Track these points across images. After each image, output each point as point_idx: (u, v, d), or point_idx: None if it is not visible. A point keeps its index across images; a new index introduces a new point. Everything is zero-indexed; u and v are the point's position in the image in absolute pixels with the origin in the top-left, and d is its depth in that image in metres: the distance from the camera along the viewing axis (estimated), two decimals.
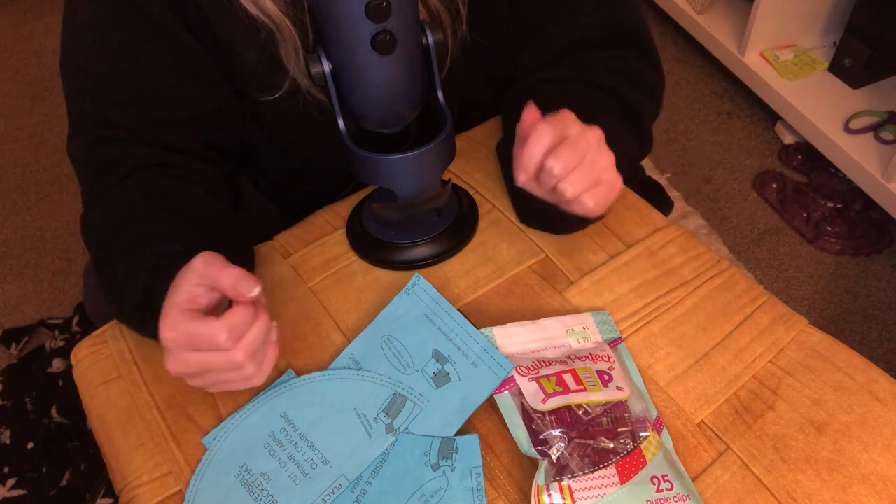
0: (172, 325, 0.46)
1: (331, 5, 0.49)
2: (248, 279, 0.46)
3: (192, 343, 0.46)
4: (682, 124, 1.70)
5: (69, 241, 1.60)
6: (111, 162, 0.60)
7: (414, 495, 0.49)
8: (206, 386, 0.50)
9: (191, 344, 0.46)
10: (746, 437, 0.51)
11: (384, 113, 0.57)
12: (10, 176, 1.76)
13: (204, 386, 0.50)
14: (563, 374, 0.51)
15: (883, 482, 0.48)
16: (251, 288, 0.46)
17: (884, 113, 1.46)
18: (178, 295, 0.47)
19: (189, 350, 0.47)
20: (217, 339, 0.45)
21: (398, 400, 0.54)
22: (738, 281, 0.61)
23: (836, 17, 1.63)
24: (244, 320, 0.46)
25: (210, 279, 0.47)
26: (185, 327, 0.46)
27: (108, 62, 0.59)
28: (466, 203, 0.67)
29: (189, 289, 0.47)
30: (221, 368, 0.48)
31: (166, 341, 0.46)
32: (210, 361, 0.47)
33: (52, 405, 1.27)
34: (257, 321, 0.48)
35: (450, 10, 0.62)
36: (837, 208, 1.47)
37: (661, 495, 0.46)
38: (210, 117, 0.64)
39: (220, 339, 0.45)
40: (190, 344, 0.46)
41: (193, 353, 0.47)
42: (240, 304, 0.46)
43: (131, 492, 0.53)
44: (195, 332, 0.45)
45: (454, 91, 0.61)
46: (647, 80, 0.68)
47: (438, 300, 0.58)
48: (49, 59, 2.09)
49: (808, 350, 0.55)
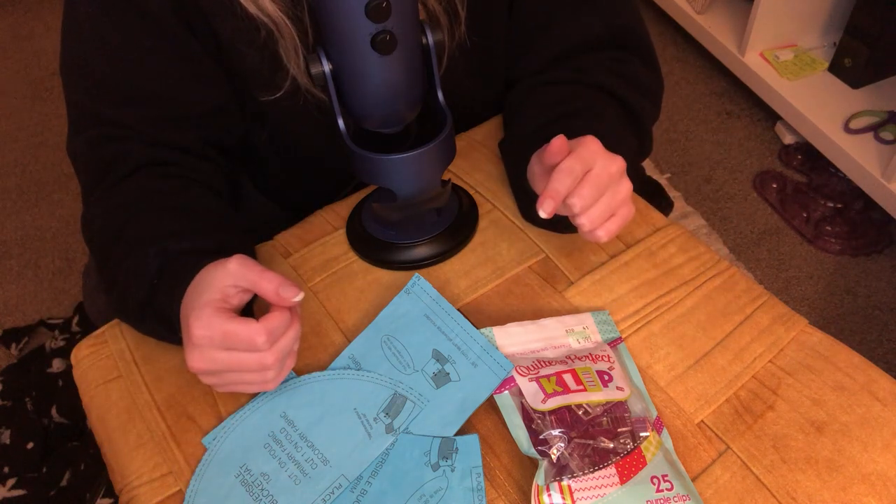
0: (207, 323, 0.46)
1: (331, 5, 0.49)
2: (289, 285, 0.47)
3: (227, 342, 0.46)
4: (682, 124, 1.70)
5: (69, 241, 1.60)
6: (112, 161, 0.60)
7: (414, 495, 0.49)
8: (219, 385, 0.50)
9: (225, 343, 0.46)
10: (746, 437, 0.51)
11: (384, 113, 0.57)
12: (10, 176, 1.76)
13: (216, 385, 0.50)
14: (563, 374, 0.51)
15: (883, 482, 0.48)
16: (294, 293, 0.47)
17: (884, 113, 1.46)
18: (212, 293, 0.47)
19: (220, 349, 0.47)
20: (256, 341, 0.46)
21: (398, 400, 0.54)
22: (738, 281, 0.61)
23: (836, 17, 1.63)
24: (282, 324, 0.47)
25: (247, 282, 0.47)
26: (221, 326, 0.46)
27: (109, 61, 0.59)
28: (466, 203, 0.67)
29: (223, 288, 0.47)
30: (249, 369, 0.48)
31: (197, 338, 0.46)
32: (240, 362, 0.47)
33: (52, 405, 1.27)
34: (292, 327, 0.48)
35: (448, 11, 0.62)
36: (837, 208, 1.47)
37: (661, 495, 0.46)
38: (210, 117, 0.64)
39: (259, 342, 0.46)
40: (224, 343, 0.46)
41: (224, 352, 0.47)
42: (278, 308, 0.47)
43: (131, 492, 0.53)
44: (233, 331, 0.46)
45: (454, 91, 0.61)
46: (647, 83, 0.68)
47: (438, 300, 0.58)
48: (49, 59, 2.09)
49: (808, 350, 0.55)
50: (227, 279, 0.48)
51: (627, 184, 0.53)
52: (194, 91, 0.62)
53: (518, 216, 0.67)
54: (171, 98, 0.61)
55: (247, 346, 0.46)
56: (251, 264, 0.48)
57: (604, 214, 0.52)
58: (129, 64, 0.59)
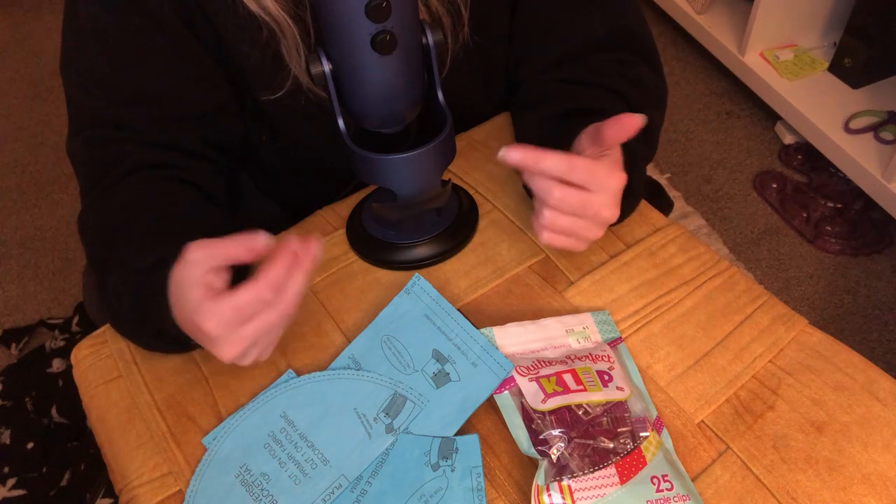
0: (213, 311, 0.45)
1: (331, 5, 0.49)
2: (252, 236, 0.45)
3: (242, 315, 0.45)
4: (682, 124, 1.70)
5: (69, 241, 1.60)
6: (110, 162, 0.60)
7: (414, 495, 0.49)
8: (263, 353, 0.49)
9: (241, 317, 0.45)
10: (746, 437, 0.51)
11: (384, 113, 0.57)
12: (10, 176, 1.76)
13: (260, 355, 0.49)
14: (563, 374, 0.51)
15: (883, 482, 0.48)
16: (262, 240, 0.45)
17: (884, 113, 1.46)
18: (195, 290, 0.46)
19: (240, 324, 0.45)
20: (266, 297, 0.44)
21: (398, 400, 0.54)
22: (738, 281, 0.61)
23: (836, 17, 1.63)
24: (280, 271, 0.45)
25: (214, 259, 0.46)
26: (227, 305, 0.44)
27: (109, 61, 0.59)
28: (466, 203, 0.67)
29: (200, 279, 0.46)
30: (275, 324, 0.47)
31: (213, 330, 0.45)
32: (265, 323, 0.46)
33: (52, 405, 1.27)
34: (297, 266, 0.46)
35: (451, 11, 0.62)
36: (837, 208, 1.47)
37: (661, 495, 0.46)
38: (210, 117, 0.64)
39: (269, 297, 0.45)
40: (240, 317, 0.45)
41: (246, 325, 0.46)
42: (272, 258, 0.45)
43: (131, 492, 0.53)
44: (240, 302, 0.44)
45: (455, 91, 0.61)
46: (654, 90, 0.68)
47: (438, 300, 0.58)
48: (49, 59, 2.10)
49: (808, 350, 0.55)
50: (195, 269, 0.46)
51: (600, 232, 0.54)
52: (194, 91, 0.62)
53: (518, 216, 0.67)
54: (171, 98, 0.61)
55: (261, 305, 0.45)
56: (207, 243, 0.46)
57: (564, 232, 0.53)
58: (130, 64, 0.59)
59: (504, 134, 0.76)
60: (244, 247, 0.45)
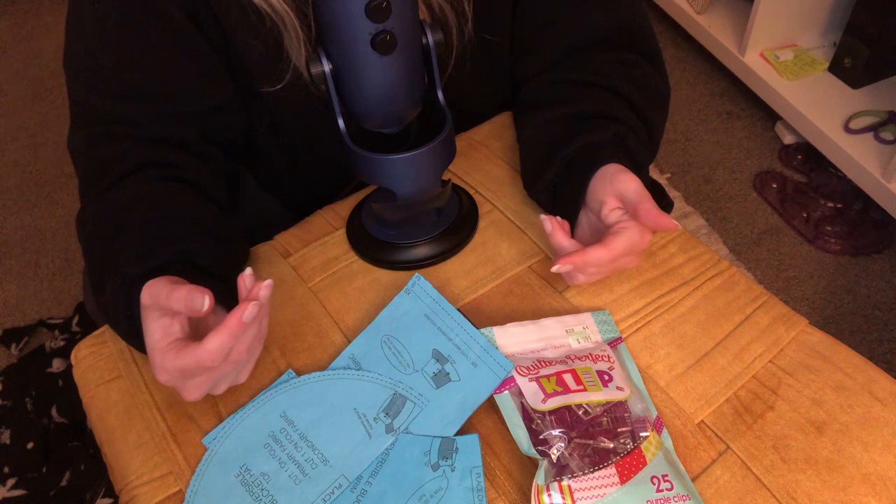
0: (162, 367, 0.47)
1: (331, 5, 0.49)
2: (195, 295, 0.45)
3: (188, 375, 0.47)
4: (682, 124, 1.70)
5: (69, 241, 1.60)
6: (111, 161, 0.60)
7: (414, 495, 0.49)
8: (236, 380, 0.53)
9: (186, 376, 0.47)
10: (746, 437, 0.51)
11: (384, 113, 0.57)
12: (10, 176, 1.76)
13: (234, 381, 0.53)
14: (563, 374, 0.51)
15: (883, 482, 0.48)
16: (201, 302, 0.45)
17: (884, 113, 1.46)
18: (151, 335, 0.47)
19: (188, 379, 0.48)
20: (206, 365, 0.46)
21: (398, 400, 0.54)
22: (738, 281, 0.61)
23: (836, 17, 1.63)
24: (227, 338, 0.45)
25: (161, 309, 0.47)
26: (173, 365, 0.46)
27: (112, 57, 0.59)
28: (466, 203, 0.67)
29: (156, 326, 0.47)
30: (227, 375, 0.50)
31: (167, 382, 0.48)
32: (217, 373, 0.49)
33: (52, 405, 1.27)
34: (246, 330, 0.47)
35: (455, 9, 0.62)
36: (837, 208, 1.47)
37: (661, 495, 0.46)
38: (213, 114, 0.64)
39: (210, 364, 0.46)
40: (185, 376, 0.47)
41: (195, 379, 0.48)
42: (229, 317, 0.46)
43: (131, 492, 0.53)
44: (184, 366, 0.46)
45: (456, 90, 0.61)
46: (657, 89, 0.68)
47: (438, 300, 0.58)
48: (49, 58, 2.09)
49: (808, 350, 0.55)
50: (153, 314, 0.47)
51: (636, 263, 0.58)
52: (198, 87, 0.62)
53: (518, 216, 0.67)
54: (174, 94, 0.61)
55: (204, 369, 0.47)
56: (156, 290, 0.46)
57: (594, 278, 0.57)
58: (133, 59, 0.59)
59: (505, 134, 0.76)
60: (186, 306, 0.46)
